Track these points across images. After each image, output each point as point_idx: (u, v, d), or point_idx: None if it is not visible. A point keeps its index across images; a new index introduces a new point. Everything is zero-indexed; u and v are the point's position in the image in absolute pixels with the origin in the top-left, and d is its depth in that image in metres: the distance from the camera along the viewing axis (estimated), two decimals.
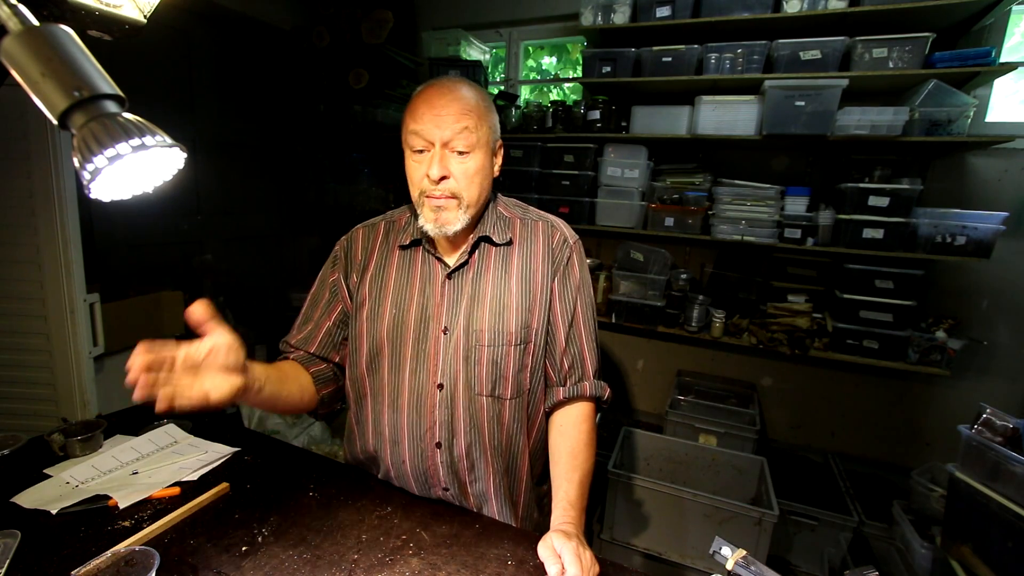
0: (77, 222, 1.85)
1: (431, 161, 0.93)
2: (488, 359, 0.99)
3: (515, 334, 0.99)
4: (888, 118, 1.96)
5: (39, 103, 0.56)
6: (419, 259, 1.04)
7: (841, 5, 1.97)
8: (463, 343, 0.98)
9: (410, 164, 0.97)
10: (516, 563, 0.85)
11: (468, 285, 1.01)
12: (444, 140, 0.92)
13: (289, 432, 2.59)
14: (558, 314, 1.04)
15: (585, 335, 1.06)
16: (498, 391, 1.00)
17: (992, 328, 2.18)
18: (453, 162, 0.94)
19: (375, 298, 1.04)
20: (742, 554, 0.75)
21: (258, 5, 2.86)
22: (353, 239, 1.12)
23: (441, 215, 0.95)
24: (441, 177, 0.93)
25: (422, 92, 0.95)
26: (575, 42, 2.98)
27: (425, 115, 0.92)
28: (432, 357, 0.99)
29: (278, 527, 0.91)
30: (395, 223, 1.10)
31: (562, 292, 1.04)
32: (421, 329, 1.00)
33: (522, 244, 1.04)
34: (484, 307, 0.99)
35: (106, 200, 0.62)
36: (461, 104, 0.93)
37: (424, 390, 1.00)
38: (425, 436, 1.00)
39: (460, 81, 0.97)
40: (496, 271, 1.02)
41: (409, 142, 0.95)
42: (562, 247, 1.06)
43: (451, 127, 0.92)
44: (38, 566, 0.79)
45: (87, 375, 1.92)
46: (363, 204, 3.07)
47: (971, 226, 1.93)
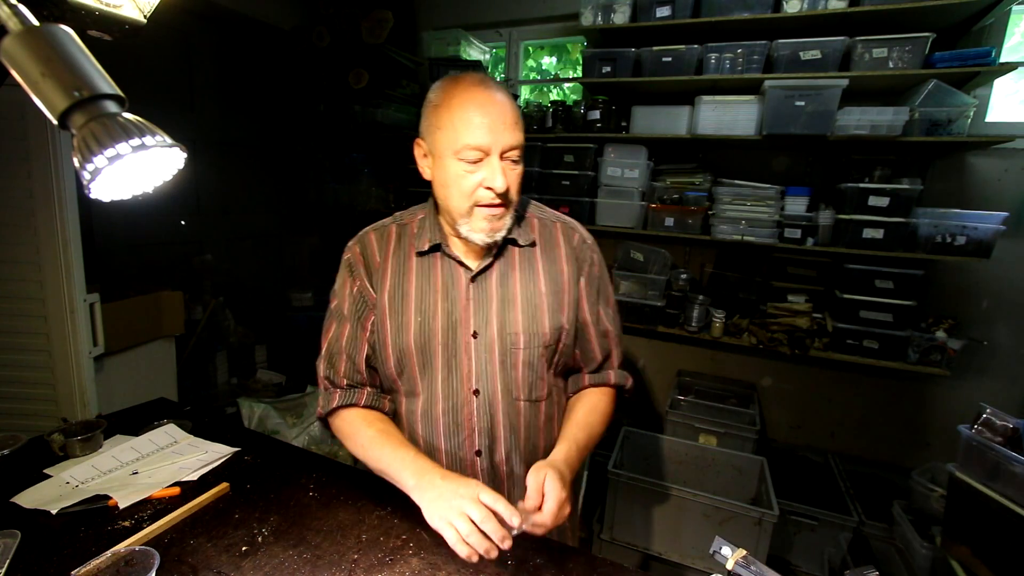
0: (77, 222, 1.85)
1: (492, 171, 0.89)
2: (524, 362, 0.98)
3: (549, 335, 0.98)
4: (888, 118, 1.96)
5: (39, 103, 0.56)
6: (439, 264, 1.01)
7: (841, 5, 1.97)
8: (498, 347, 0.97)
9: (458, 173, 0.91)
10: (516, 563, 0.85)
11: (495, 288, 0.99)
12: (502, 149, 0.89)
13: (289, 432, 2.59)
14: (587, 312, 1.04)
15: (613, 332, 1.08)
16: (535, 393, 1.00)
17: (992, 328, 2.18)
18: (507, 170, 0.91)
19: (397, 308, 1.00)
20: (742, 554, 0.75)
21: (258, 5, 2.86)
22: (366, 244, 1.06)
23: (493, 222, 0.93)
24: (507, 186, 0.90)
25: (467, 97, 0.89)
26: (575, 42, 2.98)
27: (482, 123, 0.88)
28: (464, 363, 0.97)
29: (278, 527, 0.91)
30: (407, 227, 1.06)
31: (588, 291, 1.04)
32: (449, 335, 0.98)
33: (545, 245, 1.03)
34: (516, 309, 0.98)
35: (106, 200, 0.62)
36: (511, 110, 0.90)
37: (459, 397, 0.98)
38: (464, 444, 0.99)
39: (495, 82, 0.94)
40: (523, 273, 1.00)
41: (460, 152, 0.89)
42: (583, 247, 1.05)
43: (507, 135, 0.89)
44: (38, 566, 0.79)
45: (87, 375, 1.91)
46: (363, 204, 3.07)
47: (971, 226, 1.93)
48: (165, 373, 2.38)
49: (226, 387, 2.92)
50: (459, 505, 0.78)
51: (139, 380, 2.20)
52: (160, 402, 1.41)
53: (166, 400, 1.45)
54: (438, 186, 0.97)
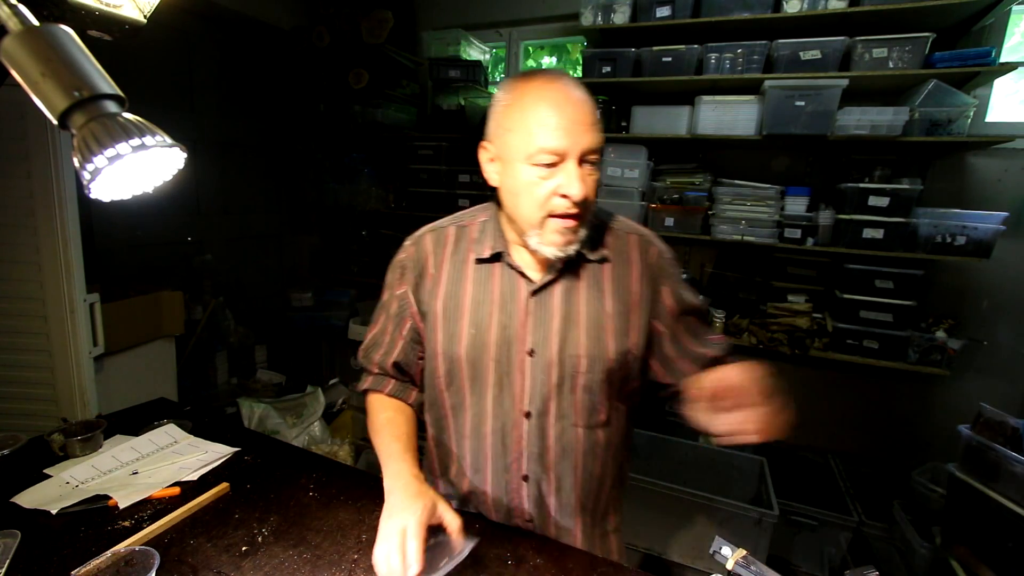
0: (77, 222, 1.85)
1: (569, 178, 0.80)
2: (583, 386, 0.89)
3: (614, 359, 0.89)
4: (888, 118, 1.96)
5: (39, 103, 0.56)
6: (498, 273, 0.93)
7: (841, 5, 1.97)
8: (556, 368, 0.89)
9: (530, 180, 0.82)
10: (516, 563, 0.85)
11: (557, 304, 0.90)
12: (581, 152, 0.80)
13: (289, 432, 2.59)
14: (681, 334, 0.94)
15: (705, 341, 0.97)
16: (593, 419, 0.91)
17: (992, 328, 2.18)
18: (584, 176, 0.82)
19: (450, 317, 0.94)
20: (742, 554, 0.75)
21: (258, 5, 2.86)
22: (422, 246, 0.99)
23: (568, 234, 0.84)
24: (584, 197, 0.81)
25: (542, 94, 0.81)
26: (575, 42, 2.98)
27: (559, 124, 0.79)
28: (518, 382, 0.90)
29: (278, 527, 0.91)
30: (466, 230, 0.99)
31: (673, 303, 0.94)
32: (503, 351, 0.91)
33: (616, 260, 0.93)
34: (579, 329, 0.89)
35: (106, 200, 0.62)
36: (590, 109, 0.82)
37: (510, 418, 0.91)
38: (511, 467, 0.93)
39: (571, 78, 0.84)
40: (589, 290, 0.91)
41: (533, 156, 0.81)
42: (661, 261, 0.95)
43: (586, 137, 0.80)
44: (38, 566, 0.79)
45: (87, 375, 1.91)
46: (363, 204, 3.07)
47: (971, 226, 1.93)
48: (165, 373, 2.38)
49: (226, 387, 2.92)
50: (397, 522, 0.75)
51: (139, 380, 2.20)
52: (160, 402, 1.41)
53: (166, 400, 1.45)
54: (507, 193, 0.88)
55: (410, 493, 0.79)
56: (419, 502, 0.77)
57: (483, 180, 0.93)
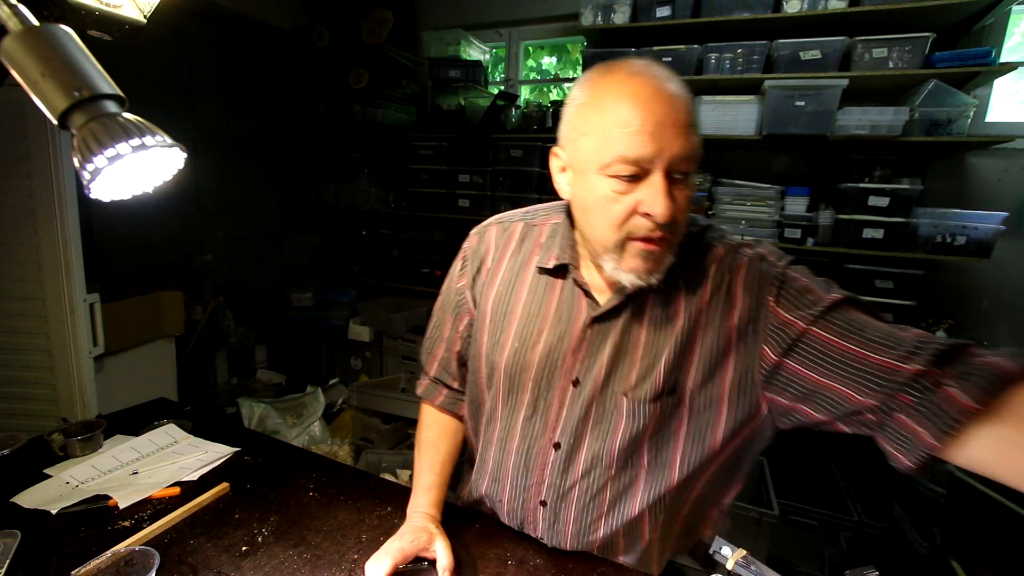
0: (77, 222, 1.85)
1: (653, 193, 0.66)
2: (626, 428, 0.77)
3: (667, 402, 0.76)
4: (888, 118, 1.96)
5: (39, 103, 0.56)
6: (558, 288, 0.83)
7: (841, 5, 1.97)
8: (596, 406, 0.79)
9: (605, 195, 0.69)
10: (516, 563, 0.85)
11: (616, 333, 0.77)
12: (670, 162, 0.66)
13: (289, 432, 2.59)
14: (840, 347, 0.66)
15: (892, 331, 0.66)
16: (630, 465, 0.79)
17: (992, 328, 2.18)
18: (674, 192, 0.68)
19: (498, 323, 0.86)
20: (742, 554, 0.75)
21: (258, 5, 2.86)
22: (485, 238, 0.92)
23: (651, 261, 0.71)
24: (671, 218, 0.67)
25: (626, 89, 0.67)
26: (575, 42, 2.98)
27: (642, 126, 0.64)
28: (553, 410, 0.82)
29: (278, 527, 0.91)
30: (534, 230, 0.89)
31: (811, 319, 0.70)
32: (545, 374, 0.81)
33: (697, 280, 0.77)
34: (633, 364, 0.76)
35: (106, 200, 0.62)
36: (685, 108, 0.67)
37: (537, 444, 0.84)
38: (530, 490, 0.86)
39: (664, 70, 0.69)
40: (657, 318, 0.77)
41: (609, 166, 0.67)
42: (757, 271, 0.75)
43: (678, 142, 0.65)
44: (38, 566, 0.79)
45: (87, 375, 1.91)
46: (363, 204, 3.07)
47: (971, 226, 1.93)
48: (165, 373, 2.38)
49: (226, 387, 2.92)
50: (390, 545, 0.80)
51: (139, 380, 2.20)
52: (160, 402, 1.41)
53: (166, 400, 1.45)
54: (579, 210, 0.76)
55: (414, 526, 0.84)
56: (416, 535, 0.82)
57: (484, 180, 0.91)
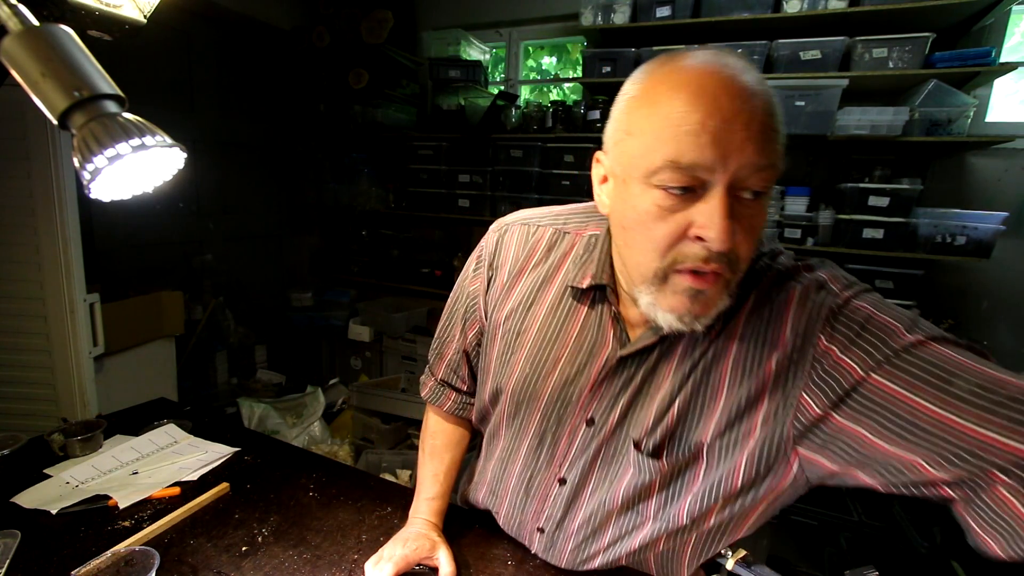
0: (77, 222, 1.85)
1: (710, 212, 0.52)
2: (632, 478, 0.70)
3: (673, 457, 0.67)
4: (888, 118, 1.96)
5: (39, 103, 0.56)
6: (583, 312, 0.72)
7: (841, 5, 1.97)
8: (607, 447, 0.72)
9: (648, 210, 0.55)
10: (516, 563, 0.85)
11: (641, 372, 0.67)
12: (737, 174, 0.51)
13: (289, 432, 2.59)
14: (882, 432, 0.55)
15: None
16: (637, 510, 0.72)
17: (992, 328, 2.18)
18: (739, 214, 0.53)
19: (508, 341, 0.77)
20: (742, 554, 0.75)
21: (258, 5, 2.86)
22: (505, 241, 0.80)
23: (699, 302, 0.56)
24: (730, 247, 0.53)
25: (687, 79, 0.52)
26: (575, 42, 2.98)
27: (703, 125, 0.50)
28: (562, 446, 0.75)
29: (278, 527, 0.91)
30: (565, 239, 0.76)
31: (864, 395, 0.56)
32: (556, 408, 0.73)
33: (754, 322, 0.62)
34: (649, 409, 0.67)
35: (106, 200, 0.62)
36: (765, 106, 0.52)
37: (541, 475, 0.78)
38: (528, 514, 0.82)
39: (738, 60, 0.54)
40: (683, 356, 0.65)
41: (655, 173, 0.53)
42: (824, 306, 0.59)
43: (752, 150, 0.50)
44: (38, 566, 0.79)
45: (87, 375, 1.91)
46: (363, 204, 3.07)
47: (971, 226, 1.93)
48: (165, 373, 2.38)
49: (226, 387, 2.92)
50: (390, 549, 0.80)
51: (139, 380, 2.20)
52: (160, 402, 1.41)
53: (166, 400, 1.45)
54: (617, 226, 0.62)
55: (416, 532, 0.83)
56: (419, 542, 0.81)
57: (484, 180, 0.86)
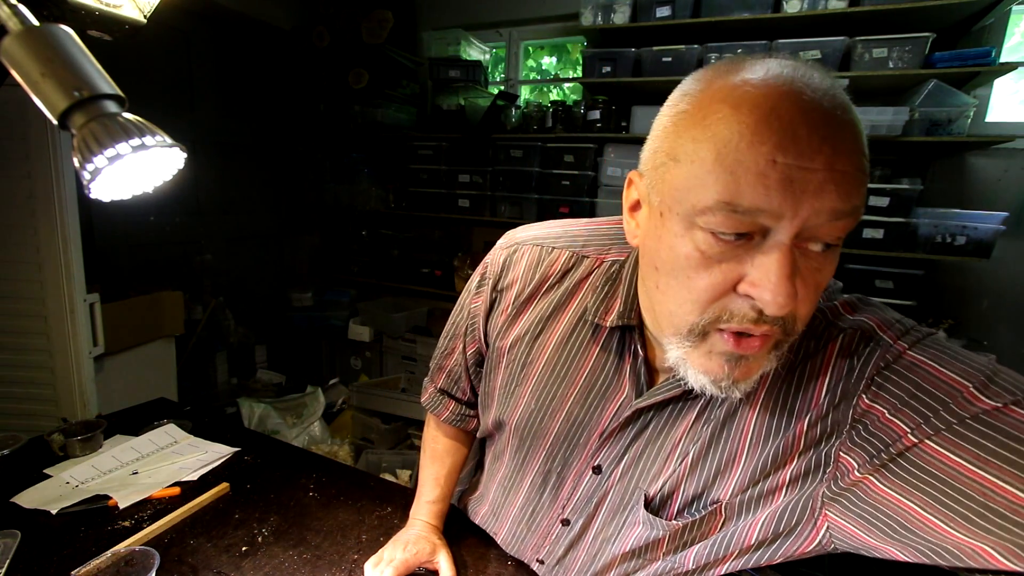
0: (77, 222, 1.85)
1: (767, 268, 0.43)
2: (641, 532, 0.65)
3: (685, 516, 0.62)
4: (888, 118, 1.96)
5: (39, 103, 0.56)
6: (597, 348, 0.65)
7: (841, 5, 1.97)
8: (613, 495, 0.66)
9: (690, 253, 0.46)
10: (516, 564, 0.85)
11: (656, 426, 0.62)
12: (807, 223, 0.42)
13: (289, 432, 2.59)
14: None
15: None
16: (643, 557, 0.67)
17: (992, 328, 2.18)
18: (803, 269, 0.44)
19: (513, 372, 0.71)
20: None
21: (258, 5, 2.86)
22: (513, 262, 0.71)
23: (740, 369, 0.48)
24: (789, 312, 0.45)
25: (752, 94, 0.42)
26: (575, 42, 2.98)
27: (774, 158, 0.40)
28: (566, 489, 0.70)
29: (278, 527, 0.91)
30: (583, 264, 0.68)
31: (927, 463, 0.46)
32: (562, 450, 0.69)
33: (784, 381, 0.55)
34: (664, 462, 0.62)
35: (106, 200, 0.62)
36: (853, 139, 0.42)
37: (543, 513, 0.75)
38: (527, 544, 0.80)
39: (822, 77, 0.45)
40: (706, 415, 0.59)
41: (706, 211, 0.43)
42: (861, 369, 0.52)
43: (833, 197, 0.41)
44: (38, 566, 0.79)
45: (87, 375, 1.92)
46: (363, 204, 3.07)
47: (971, 226, 1.93)
48: (165, 373, 2.38)
49: (226, 387, 2.92)
50: (390, 551, 0.80)
51: (139, 380, 2.20)
52: (160, 402, 1.41)
53: (166, 400, 1.45)
54: (649, 265, 0.53)
55: (416, 535, 0.83)
56: (419, 545, 0.81)
57: (484, 180, 0.81)
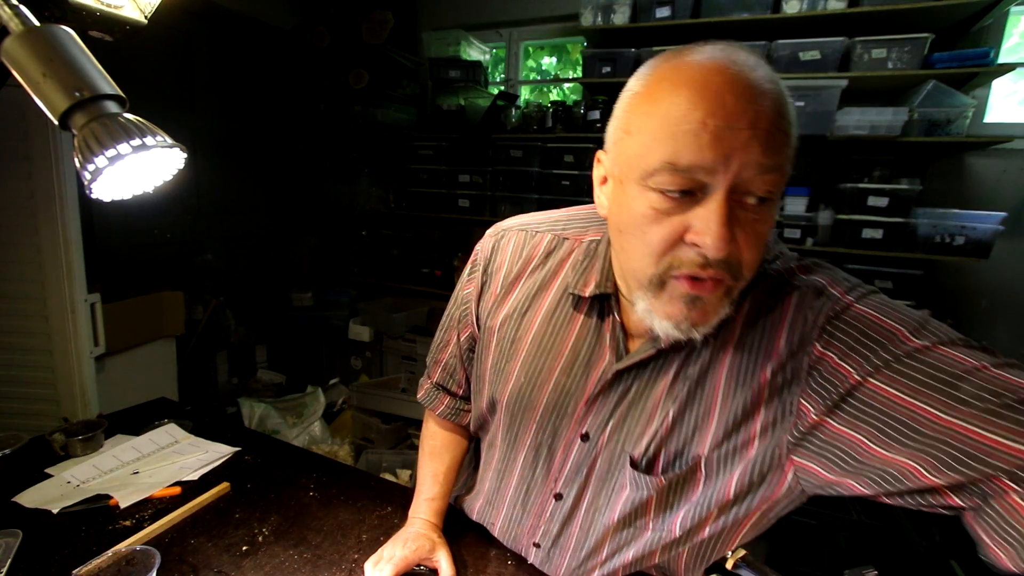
0: (78, 222, 1.85)
1: (707, 216, 0.50)
2: (629, 495, 0.68)
3: (670, 473, 0.65)
4: (887, 118, 1.97)
5: (40, 104, 0.56)
6: (579, 321, 0.70)
7: (840, 6, 1.97)
8: (602, 463, 0.70)
9: (643, 214, 0.53)
10: (516, 563, 0.85)
11: (637, 385, 0.66)
12: (739, 177, 0.49)
13: (289, 432, 2.59)
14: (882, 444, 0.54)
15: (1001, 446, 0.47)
16: (633, 525, 0.71)
17: (991, 328, 2.18)
18: (741, 219, 0.51)
19: (503, 349, 0.76)
20: (741, 553, 0.75)
21: (258, 5, 2.86)
22: (500, 247, 0.78)
23: (697, 308, 0.55)
24: (731, 253, 0.51)
25: (685, 75, 0.50)
26: (575, 42, 2.98)
27: (706, 121, 0.48)
28: (557, 460, 0.73)
29: (278, 527, 0.91)
30: (564, 244, 0.74)
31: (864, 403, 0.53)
32: (551, 421, 0.72)
33: (749, 334, 0.61)
34: (646, 424, 0.65)
35: (107, 200, 0.62)
36: (774, 105, 0.50)
37: (536, 489, 0.77)
38: (524, 527, 0.81)
39: (749, 53, 0.52)
40: (682, 375, 0.64)
41: (653, 174, 0.51)
42: (814, 322, 0.57)
43: (757, 151, 0.48)
44: (39, 565, 0.80)
45: (88, 375, 1.92)
46: (363, 204, 3.07)
47: (970, 226, 1.93)
48: (166, 373, 2.38)
49: (226, 387, 2.93)
50: (390, 549, 0.80)
51: (140, 380, 2.20)
52: (161, 402, 1.41)
53: (167, 400, 1.45)
54: (614, 230, 0.61)
55: (416, 532, 0.83)
56: (418, 542, 0.81)
57: (484, 181, 0.85)
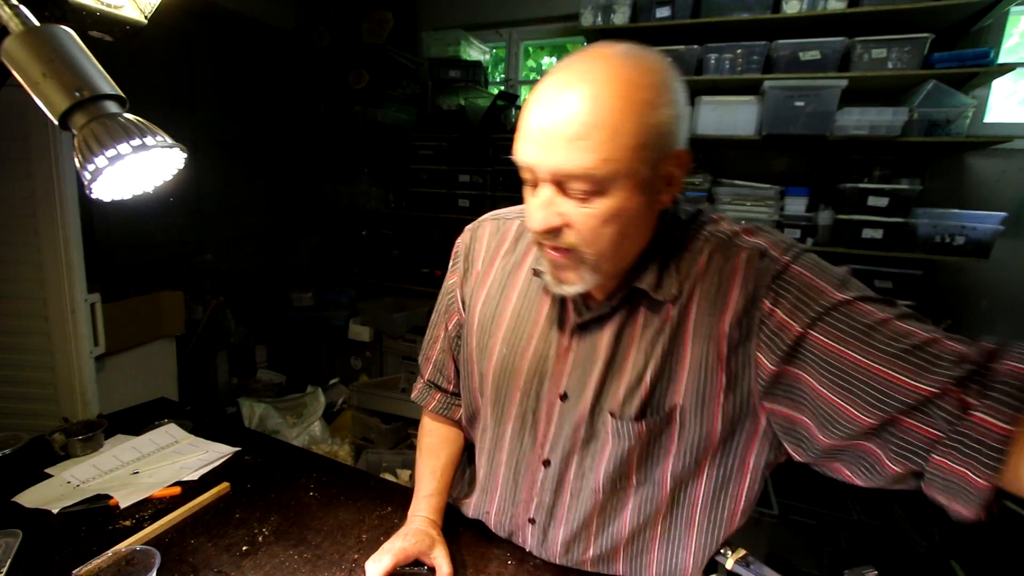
0: (78, 222, 1.85)
1: (531, 204, 0.65)
2: (612, 449, 0.73)
3: (649, 420, 0.70)
4: (887, 118, 1.97)
5: (40, 104, 0.56)
6: (552, 295, 0.78)
7: (840, 5, 1.97)
8: (586, 423, 0.74)
9: (524, 192, 0.69)
10: (516, 563, 0.85)
11: (605, 345, 0.73)
12: (552, 174, 0.61)
13: (289, 432, 2.59)
14: (824, 383, 0.61)
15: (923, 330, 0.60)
16: (621, 484, 0.76)
17: (991, 328, 2.18)
18: (570, 206, 0.62)
19: (485, 326, 0.83)
20: (741, 553, 0.75)
21: (258, 5, 2.86)
22: (477, 236, 0.89)
23: (559, 273, 0.68)
24: (546, 230, 0.64)
25: (541, 84, 0.62)
26: (575, 42, 2.98)
27: (528, 130, 0.61)
28: (542, 426, 0.78)
29: (278, 527, 0.91)
30: None
31: (813, 318, 0.61)
32: (533, 386, 0.78)
33: (704, 291, 0.69)
34: (621, 380, 0.72)
35: (107, 200, 0.62)
36: (582, 116, 0.57)
37: (525, 460, 0.81)
38: (519, 506, 0.84)
39: (595, 70, 0.58)
40: (645, 327, 0.71)
41: (520, 168, 0.66)
42: (764, 269, 0.65)
43: (561, 157, 0.59)
44: (39, 565, 0.80)
45: (88, 375, 1.92)
46: (363, 204, 3.07)
47: (970, 226, 1.93)
48: (166, 373, 2.38)
49: (226, 387, 2.93)
50: (390, 544, 0.80)
51: (140, 380, 2.20)
52: (161, 402, 1.41)
53: (167, 400, 1.45)
54: None
55: (416, 528, 0.83)
56: (418, 537, 0.81)
57: (484, 181, 0.90)
